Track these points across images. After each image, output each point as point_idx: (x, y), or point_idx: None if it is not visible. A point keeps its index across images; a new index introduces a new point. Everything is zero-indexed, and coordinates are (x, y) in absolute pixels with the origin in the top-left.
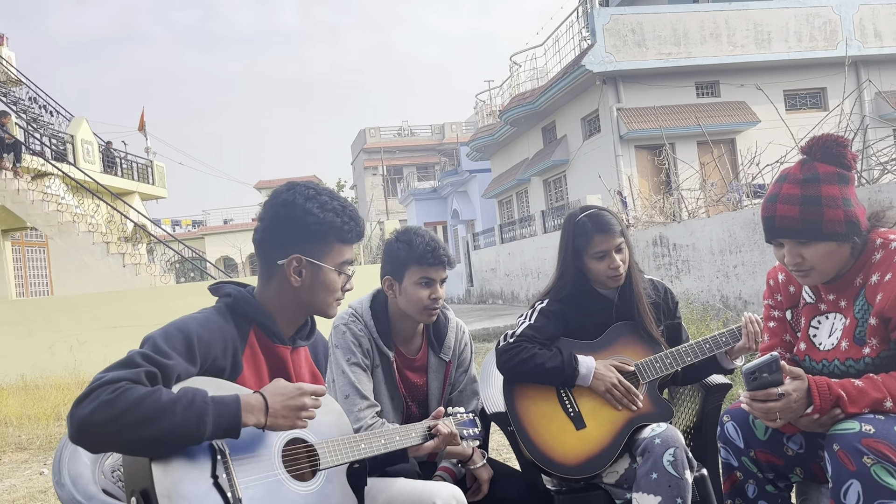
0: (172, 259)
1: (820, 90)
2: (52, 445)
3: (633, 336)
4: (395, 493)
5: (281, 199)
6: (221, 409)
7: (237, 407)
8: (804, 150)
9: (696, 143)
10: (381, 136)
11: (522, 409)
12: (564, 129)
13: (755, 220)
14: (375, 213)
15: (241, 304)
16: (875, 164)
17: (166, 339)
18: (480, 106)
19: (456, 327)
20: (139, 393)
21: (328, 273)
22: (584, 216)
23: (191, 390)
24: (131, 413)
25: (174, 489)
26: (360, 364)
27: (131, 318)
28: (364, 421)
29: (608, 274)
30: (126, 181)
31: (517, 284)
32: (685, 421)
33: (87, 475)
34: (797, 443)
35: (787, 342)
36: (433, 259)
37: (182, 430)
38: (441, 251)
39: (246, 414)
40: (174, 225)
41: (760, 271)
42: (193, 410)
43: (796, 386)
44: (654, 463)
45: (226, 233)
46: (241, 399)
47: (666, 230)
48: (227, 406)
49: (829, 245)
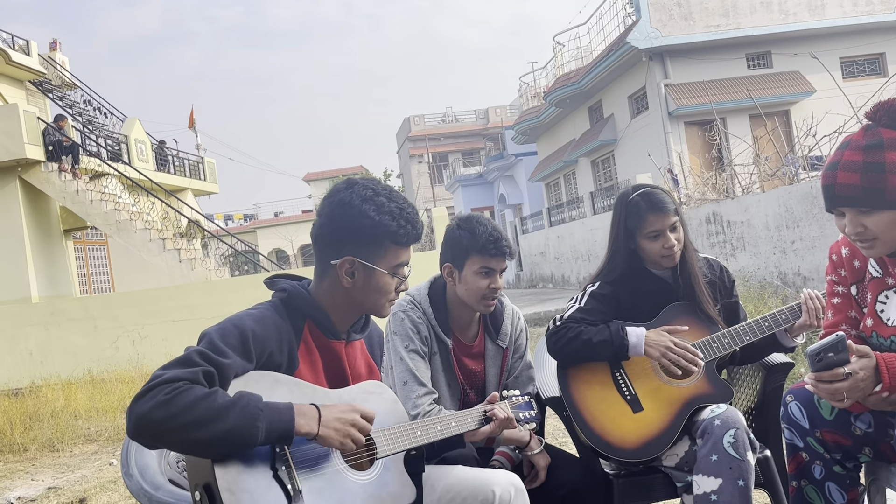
0: (226, 253)
1: (878, 56)
2: (119, 437)
3: (689, 316)
4: (453, 480)
5: (338, 199)
6: (275, 415)
7: (290, 414)
8: (869, 115)
9: (748, 117)
10: (426, 124)
11: (578, 394)
12: (611, 108)
13: (813, 194)
14: (422, 201)
15: (295, 300)
16: None
17: (222, 337)
18: (524, 88)
19: (512, 314)
20: (196, 395)
21: (381, 276)
22: (636, 195)
23: (246, 395)
24: (186, 414)
25: (235, 483)
26: (418, 351)
27: (189, 312)
28: (422, 408)
29: (662, 254)
30: (178, 178)
31: (567, 268)
32: (746, 401)
33: (153, 466)
34: (865, 422)
35: (852, 318)
36: (495, 249)
37: (235, 434)
38: (503, 242)
39: (299, 421)
40: (226, 219)
41: (820, 246)
42: (247, 415)
43: (863, 364)
44: (714, 445)
45: (277, 225)
46: (294, 407)
47: (719, 207)
48: (280, 413)
49: (892, 213)
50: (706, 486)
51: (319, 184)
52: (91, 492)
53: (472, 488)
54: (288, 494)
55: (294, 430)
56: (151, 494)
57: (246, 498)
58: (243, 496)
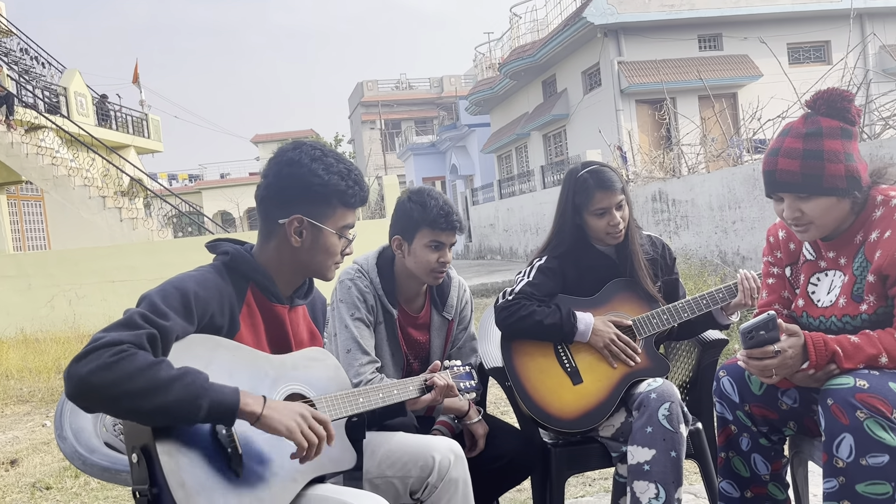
0: (170, 214)
1: (824, 43)
2: (53, 398)
3: (630, 292)
4: (393, 446)
5: (286, 158)
6: (218, 395)
7: (236, 396)
8: (809, 104)
9: (697, 98)
10: (379, 90)
11: (520, 365)
12: (565, 83)
13: (755, 176)
14: (373, 168)
15: (238, 263)
16: (877, 119)
17: (164, 299)
18: (480, 59)
19: (458, 286)
20: (140, 362)
21: (329, 236)
22: (585, 172)
23: (192, 371)
24: (129, 382)
25: (175, 445)
26: (363, 320)
27: (130, 273)
28: (364, 376)
29: (608, 231)
30: (121, 135)
31: (516, 240)
32: (681, 376)
33: (88, 428)
34: (791, 397)
35: (785, 298)
36: (446, 224)
37: (176, 408)
38: (454, 216)
39: (244, 400)
40: (171, 179)
41: (759, 227)
42: (191, 391)
43: (792, 343)
44: (650, 417)
45: (223, 187)
46: (240, 391)
47: (665, 186)
48: (224, 394)
49: (828, 200)
50: (640, 456)
51: (268, 146)
52: (23, 453)
53: (412, 454)
54: (228, 458)
55: (238, 409)
56: (86, 457)
57: (185, 461)
58: (182, 459)
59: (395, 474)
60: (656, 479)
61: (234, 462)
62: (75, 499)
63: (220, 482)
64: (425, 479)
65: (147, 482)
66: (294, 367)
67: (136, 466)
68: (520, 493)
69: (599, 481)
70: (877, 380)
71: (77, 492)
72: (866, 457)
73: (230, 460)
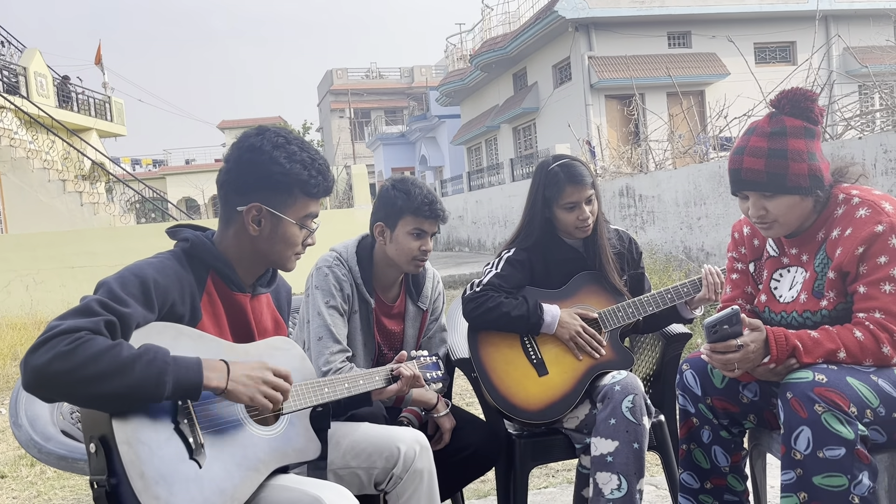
0: (132, 199)
1: (789, 44)
2: (9, 385)
3: (596, 285)
4: (358, 437)
5: (248, 144)
6: (182, 370)
7: (199, 369)
8: (773, 103)
9: (665, 95)
10: (349, 78)
11: (486, 356)
12: (535, 77)
13: (720, 173)
14: (342, 157)
15: (198, 250)
16: (839, 120)
17: (123, 286)
18: (451, 50)
19: (433, 277)
20: (99, 346)
21: (288, 226)
22: (556, 165)
23: (153, 348)
24: (89, 367)
25: (134, 435)
26: (338, 308)
27: (90, 259)
28: (333, 364)
29: (577, 225)
30: (83, 117)
31: (484, 232)
32: (645, 369)
33: (45, 416)
34: (752, 391)
35: (748, 294)
36: (429, 212)
37: (140, 388)
38: (438, 205)
39: (207, 375)
40: (134, 164)
41: (723, 224)
42: (154, 369)
43: (754, 337)
44: (614, 409)
45: (187, 173)
46: (203, 362)
47: (633, 181)
48: (187, 367)
49: (792, 198)
50: (603, 447)
51: (234, 132)
52: None
53: (377, 445)
54: (189, 448)
55: (202, 384)
56: (42, 445)
57: (144, 451)
58: (141, 449)
59: (360, 465)
60: (619, 471)
61: (196, 452)
62: (31, 488)
63: (182, 473)
64: (390, 470)
65: (105, 472)
66: (258, 357)
67: (94, 456)
68: (484, 483)
69: (563, 473)
70: (835, 374)
71: (33, 480)
72: (823, 449)
73: (192, 451)
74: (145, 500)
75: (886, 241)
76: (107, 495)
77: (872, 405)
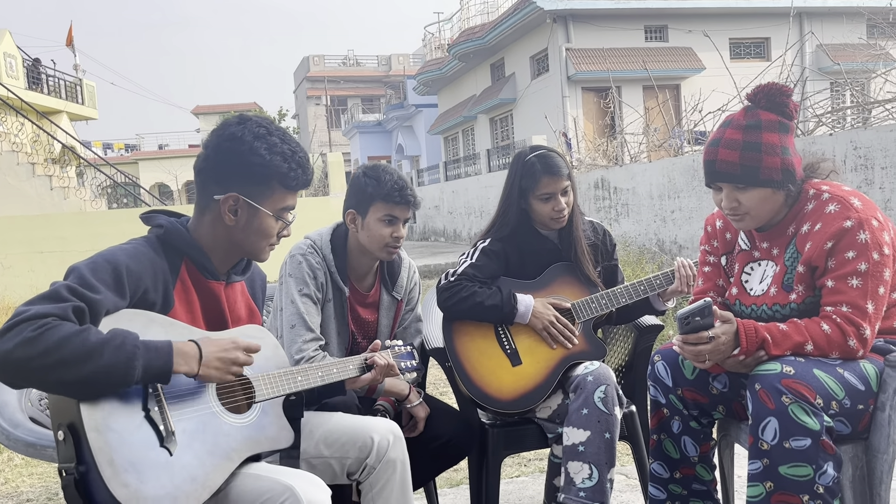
0: (104, 184)
1: (764, 40)
2: None
3: (570, 276)
4: (332, 426)
5: (229, 132)
6: (152, 353)
7: (169, 353)
8: (749, 97)
9: (641, 88)
10: (326, 65)
11: (460, 346)
12: (513, 67)
13: (694, 167)
14: (318, 145)
15: (172, 237)
16: (811, 117)
17: (93, 271)
18: (429, 38)
19: (408, 266)
20: (66, 332)
21: (265, 217)
22: (533, 156)
23: (121, 332)
24: (56, 353)
25: (104, 423)
26: (311, 296)
27: (60, 244)
28: (306, 353)
29: (552, 216)
30: (53, 99)
31: (460, 223)
32: (617, 359)
33: (13, 403)
34: (722, 382)
35: (719, 287)
36: (400, 197)
37: (109, 373)
38: (409, 191)
39: (178, 359)
40: (105, 148)
41: (697, 217)
42: (123, 353)
43: (725, 329)
44: (586, 399)
45: (161, 158)
46: (173, 346)
47: (608, 173)
48: (158, 351)
49: (764, 191)
50: (575, 437)
51: (209, 118)
52: None
53: (350, 434)
54: (160, 436)
55: (172, 369)
56: (9, 432)
57: (114, 438)
58: (111, 436)
59: (334, 455)
60: (590, 460)
61: (167, 440)
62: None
63: (152, 461)
64: (363, 459)
65: (74, 460)
66: None
67: (63, 444)
68: (456, 472)
69: (535, 462)
70: (802, 367)
71: (0, 468)
72: (790, 440)
73: (163, 438)
74: (114, 488)
75: (855, 237)
76: (75, 483)
77: (838, 397)
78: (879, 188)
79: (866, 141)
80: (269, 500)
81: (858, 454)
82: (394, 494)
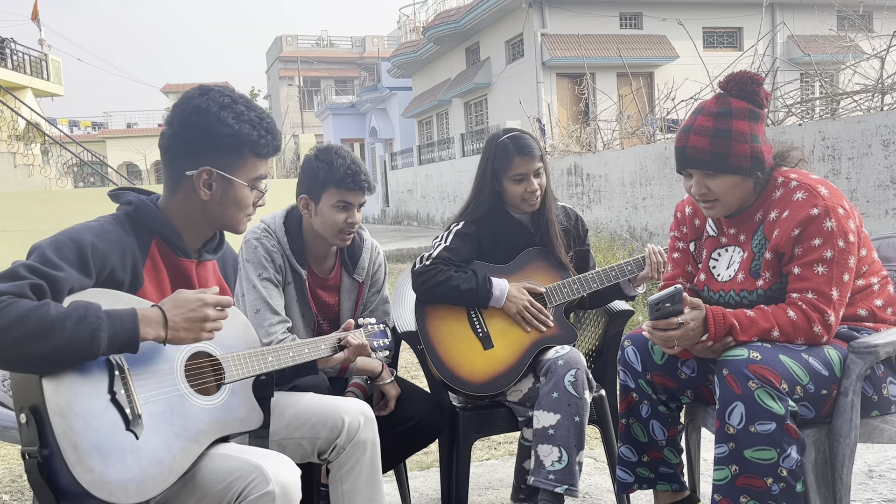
0: (70, 162)
1: (737, 30)
2: None
3: (543, 261)
4: (302, 407)
5: (193, 105)
6: (116, 323)
7: (134, 321)
8: (721, 84)
9: (615, 75)
10: (299, 45)
11: (433, 329)
12: (488, 52)
13: (666, 155)
14: (290, 126)
15: (142, 214)
16: (781, 107)
17: (56, 250)
18: (404, 20)
19: (371, 248)
20: (23, 307)
21: (240, 188)
22: (506, 138)
23: (82, 304)
24: (14, 329)
25: (68, 406)
26: (271, 279)
27: (23, 223)
28: (275, 336)
29: (524, 197)
30: (17, 74)
31: (433, 207)
32: (588, 344)
33: None
34: (690, 367)
35: (688, 273)
36: (353, 183)
37: (73, 346)
38: (362, 176)
39: (144, 328)
40: (72, 126)
41: (667, 204)
42: (86, 325)
43: (694, 315)
44: (556, 383)
45: (129, 137)
46: (138, 312)
47: (581, 160)
48: (122, 320)
49: (733, 178)
50: (545, 420)
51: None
52: None
53: (321, 415)
54: (126, 419)
55: (139, 337)
56: None
57: (78, 422)
58: (75, 420)
59: (304, 436)
60: (560, 443)
61: (133, 423)
62: None
63: (117, 445)
64: (334, 440)
65: (37, 444)
66: None
67: (25, 427)
68: (427, 455)
69: (505, 445)
70: (768, 352)
71: None
72: (755, 424)
73: (129, 421)
74: (79, 473)
75: (821, 224)
76: (39, 467)
77: (803, 382)
78: (846, 178)
79: (834, 132)
80: (238, 480)
81: (821, 438)
82: (363, 475)
